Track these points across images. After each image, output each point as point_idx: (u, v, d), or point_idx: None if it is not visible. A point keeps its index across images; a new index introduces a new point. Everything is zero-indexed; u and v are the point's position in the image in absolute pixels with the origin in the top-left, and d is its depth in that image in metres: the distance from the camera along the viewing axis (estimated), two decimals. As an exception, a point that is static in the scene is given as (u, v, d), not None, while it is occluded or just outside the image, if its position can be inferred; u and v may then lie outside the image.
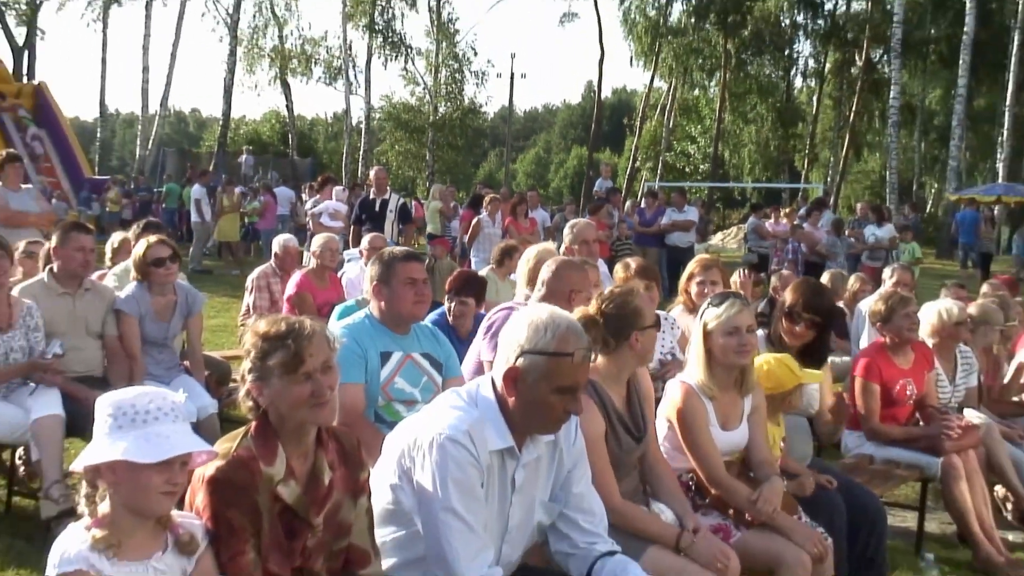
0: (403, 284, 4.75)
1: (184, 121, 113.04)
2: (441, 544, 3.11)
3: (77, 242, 6.32)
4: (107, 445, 2.66)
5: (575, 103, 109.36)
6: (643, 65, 50.34)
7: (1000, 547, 6.15)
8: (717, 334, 4.50)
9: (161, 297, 6.69)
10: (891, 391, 6.31)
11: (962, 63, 34.19)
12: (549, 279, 5.37)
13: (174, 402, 2.75)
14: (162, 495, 2.68)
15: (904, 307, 6.37)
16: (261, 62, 48.64)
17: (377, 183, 14.89)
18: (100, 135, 50.84)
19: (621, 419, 4.19)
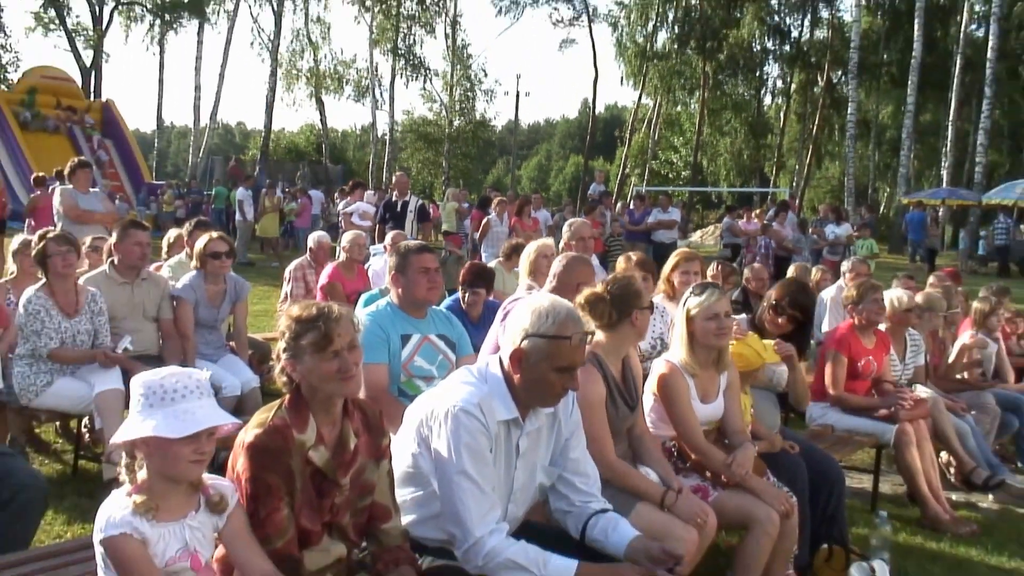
0: (417, 272, 4.79)
1: (231, 132, 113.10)
2: (455, 503, 3.11)
3: (135, 237, 6.40)
4: (139, 422, 2.65)
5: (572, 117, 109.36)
6: (632, 84, 50.43)
7: (946, 506, 6.13)
8: (699, 319, 4.50)
9: (214, 285, 6.77)
10: (856, 365, 6.31)
11: (911, 83, 34.22)
12: (560, 272, 5.36)
13: (199, 380, 2.73)
14: (191, 463, 2.67)
15: (874, 293, 6.37)
16: (298, 81, 48.73)
17: (399, 187, 14.93)
18: (157, 145, 50.95)
19: (619, 388, 4.20)
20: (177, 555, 2.68)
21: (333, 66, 49.58)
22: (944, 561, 5.48)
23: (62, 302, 5.86)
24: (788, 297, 5.49)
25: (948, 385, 7.23)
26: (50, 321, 5.76)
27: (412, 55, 49.16)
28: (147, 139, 65.00)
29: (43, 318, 5.74)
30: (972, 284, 11.84)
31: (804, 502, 4.68)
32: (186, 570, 2.70)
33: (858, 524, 5.78)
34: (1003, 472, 6.73)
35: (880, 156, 49.67)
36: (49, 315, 5.77)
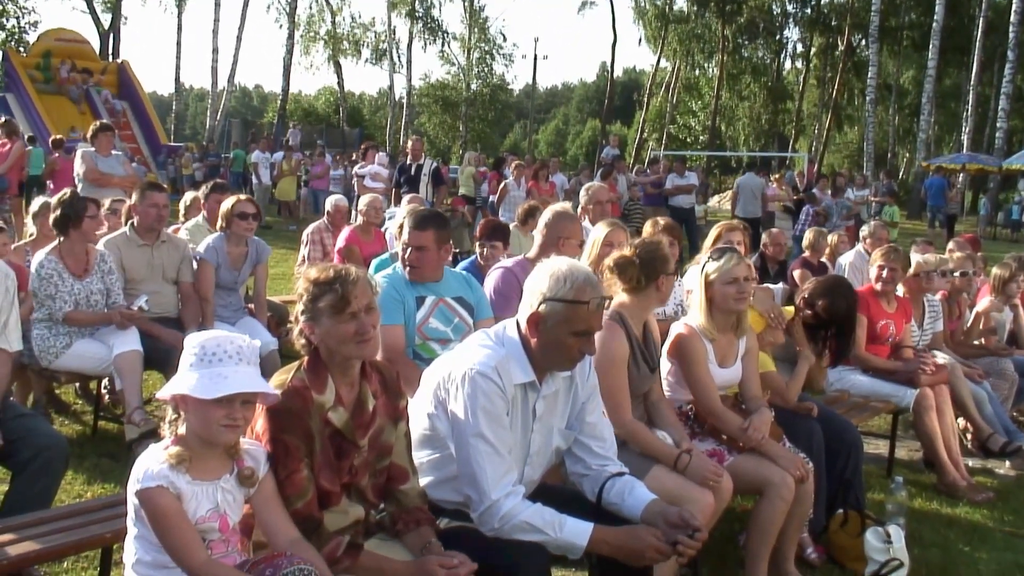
0: (406, 246, 4.81)
1: (248, 95, 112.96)
2: (471, 465, 3.12)
3: (152, 199, 6.42)
4: (183, 378, 2.69)
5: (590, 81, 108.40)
6: (651, 48, 50.06)
7: (963, 472, 6.12)
8: (718, 283, 4.48)
9: (236, 248, 6.79)
10: (875, 327, 6.28)
11: (932, 47, 33.81)
12: (544, 229, 5.52)
13: (241, 346, 2.74)
14: (223, 427, 2.68)
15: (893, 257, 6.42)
16: (316, 44, 48.56)
17: (413, 151, 14.96)
18: (175, 107, 50.84)
19: (641, 349, 4.22)
20: (207, 515, 2.71)
21: (351, 29, 49.40)
22: (960, 527, 5.47)
23: (72, 264, 5.87)
24: (825, 300, 5.28)
25: (966, 351, 7.19)
26: (63, 284, 5.78)
27: (430, 18, 48.95)
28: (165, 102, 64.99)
29: (56, 281, 5.76)
30: (993, 251, 11.75)
31: (820, 467, 4.67)
32: (213, 530, 2.72)
33: (874, 489, 5.78)
34: (1020, 438, 6.69)
35: (900, 121, 49.27)
36: (61, 278, 5.78)
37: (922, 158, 33.61)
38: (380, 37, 49.55)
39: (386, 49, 49.10)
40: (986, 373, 6.88)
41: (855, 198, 19.17)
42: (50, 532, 3.43)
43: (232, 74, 43.39)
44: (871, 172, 32.99)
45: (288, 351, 7.00)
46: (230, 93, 45.43)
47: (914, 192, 33.96)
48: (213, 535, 2.72)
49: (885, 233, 9.49)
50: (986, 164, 29.51)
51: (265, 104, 79.58)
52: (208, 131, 42.37)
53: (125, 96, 30.47)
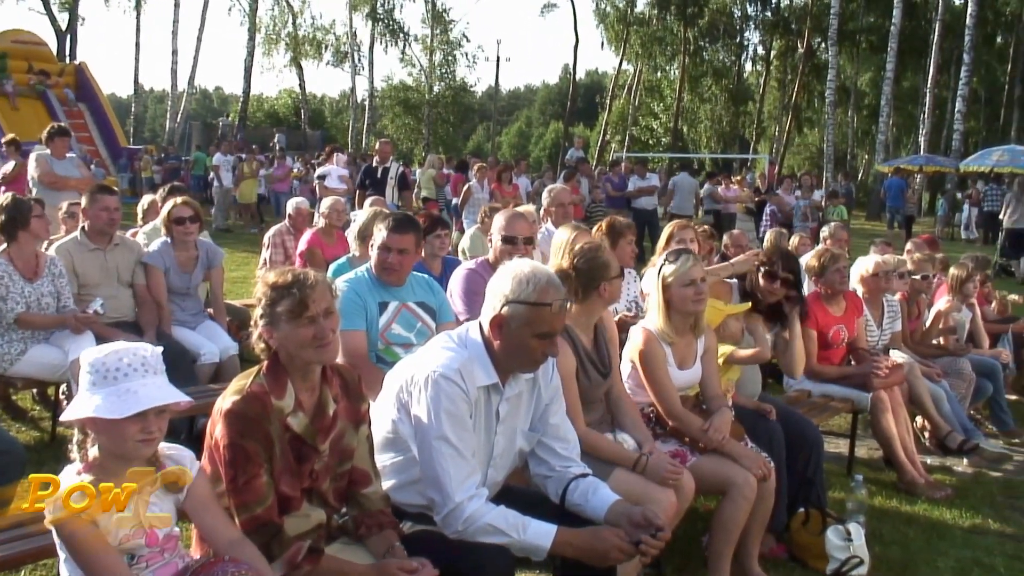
0: (381, 250, 4.75)
1: (209, 97, 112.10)
2: (435, 468, 3.11)
3: (102, 203, 6.38)
4: (84, 401, 2.60)
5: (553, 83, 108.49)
6: (613, 50, 50.24)
7: (921, 470, 6.19)
8: (675, 285, 4.48)
9: (184, 252, 6.69)
10: (826, 335, 6.31)
11: (890, 50, 34.21)
12: (496, 231, 5.54)
13: (144, 356, 2.66)
14: (139, 443, 2.61)
15: (835, 263, 6.37)
16: (277, 46, 48.30)
17: (381, 153, 14.89)
18: (134, 109, 50.37)
19: (590, 357, 4.19)
20: (131, 532, 2.63)
21: (312, 31, 49.17)
22: (919, 524, 5.53)
23: (22, 267, 5.82)
24: (779, 262, 5.43)
25: (925, 350, 7.27)
26: (13, 286, 5.72)
27: (391, 20, 48.81)
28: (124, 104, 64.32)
29: (6, 283, 5.70)
30: (950, 251, 11.89)
31: (781, 466, 4.71)
32: (141, 547, 2.66)
33: (834, 488, 5.83)
34: (977, 436, 6.80)
35: (859, 123, 49.77)
36: (12, 280, 5.72)
37: (881, 160, 33.96)
38: (341, 39, 49.38)
39: (348, 51, 48.95)
40: (944, 372, 6.96)
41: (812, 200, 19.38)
42: (7, 540, 3.37)
43: (192, 76, 43.20)
44: (831, 174, 33.32)
45: (249, 355, 6.97)
46: (190, 95, 45.15)
47: (873, 193, 34.33)
48: (142, 551, 2.66)
49: (845, 234, 9.58)
50: (943, 166, 29.86)
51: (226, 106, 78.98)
52: (168, 133, 42.06)
53: (84, 98, 30.08)
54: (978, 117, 46.29)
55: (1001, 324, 8.50)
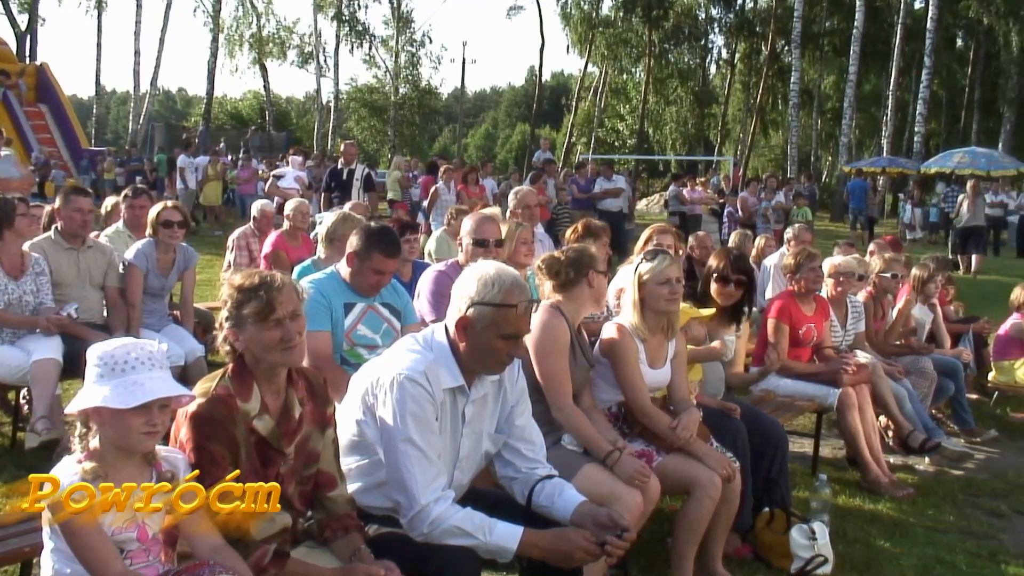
0: (370, 270, 4.70)
1: (172, 99, 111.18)
2: (400, 470, 3.10)
3: (76, 204, 6.33)
4: (92, 392, 2.63)
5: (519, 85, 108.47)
6: (578, 52, 50.34)
7: (884, 469, 6.26)
8: (651, 284, 4.51)
9: (165, 254, 6.66)
10: (797, 332, 6.38)
11: (853, 53, 34.55)
12: (465, 233, 5.55)
13: (151, 351, 2.70)
14: (142, 435, 2.64)
15: (811, 262, 6.45)
16: (241, 47, 47.96)
17: (346, 155, 14.82)
18: (96, 111, 49.85)
19: (579, 343, 4.27)
20: (124, 525, 2.65)
21: (276, 32, 48.87)
22: (882, 522, 5.59)
23: (8, 265, 5.81)
24: (729, 264, 5.50)
25: (888, 350, 7.36)
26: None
27: (356, 21, 48.65)
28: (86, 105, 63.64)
29: None
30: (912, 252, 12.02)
31: (746, 466, 4.74)
32: (131, 540, 2.67)
33: (799, 487, 5.87)
34: (939, 435, 6.87)
35: (823, 125, 50.16)
36: None
37: (844, 162, 34.28)
38: (306, 40, 49.16)
39: (312, 52, 48.73)
40: (907, 371, 7.04)
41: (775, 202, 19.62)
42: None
43: (155, 77, 42.90)
44: (795, 175, 33.58)
45: (215, 358, 6.93)
46: (153, 96, 44.78)
47: (836, 195, 34.63)
48: (131, 545, 2.67)
49: (809, 235, 9.66)
50: (905, 168, 30.20)
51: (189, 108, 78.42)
52: (130, 135, 41.70)
53: (45, 99, 29.79)
54: (939, 120, 46.76)
55: (962, 324, 8.62)
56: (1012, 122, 40.10)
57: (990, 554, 5.21)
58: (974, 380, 8.48)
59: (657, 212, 34.06)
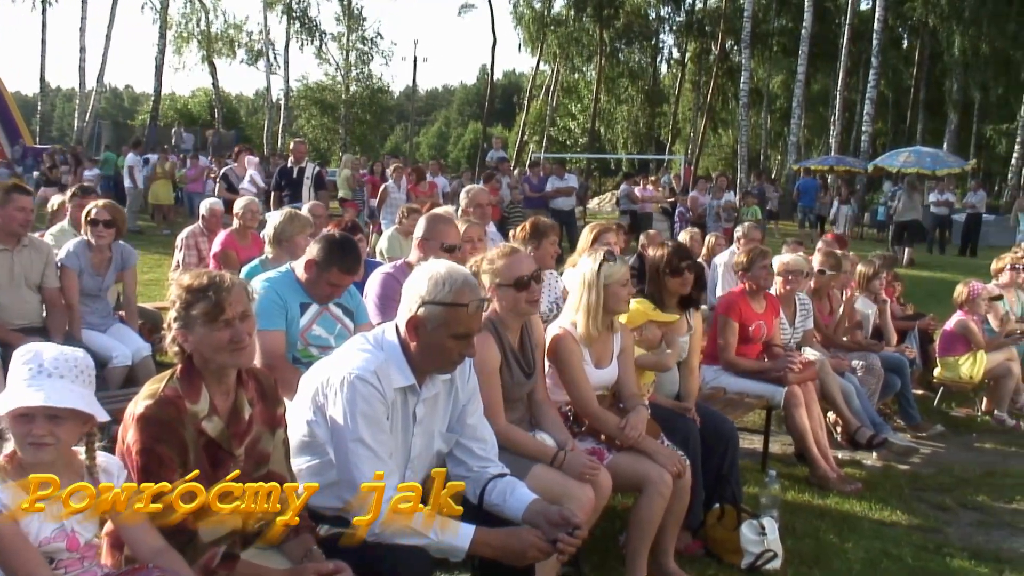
0: (325, 282, 4.65)
1: (119, 96, 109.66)
2: (351, 470, 3.10)
3: (17, 203, 6.13)
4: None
5: (471, 84, 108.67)
6: (530, 51, 50.38)
7: (833, 464, 6.34)
8: (615, 286, 4.54)
9: (98, 253, 6.54)
10: (747, 330, 6.44)
11: (801, 53, 34.87)
12: (422, 233, 5.49)
13: (43, 360, 2.63)
14: (29, 445, 2.57)
15: (763, 259, 6.51)
16: (189, 44, 47.37)
17: (296, 154, 14.72)
18: (40, 108, 48.95)
19: (515, 355, 4.21)
20: (52, 535, 2.60)
21: (225, 29, 48.35)
22: (831, 517, 5.67)
23: None
24: (675, 256, 5.49)
25: (839, 344, 7.47)
26: None
27: (306, 18, 48.31)
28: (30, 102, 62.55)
29: None
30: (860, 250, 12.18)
31: (697, 463, 4.79)
32: (61, 551, 2.62)
33: (749, 484, 5.93)
34: (886, 431, 6.98)
35: (772, 124, 50.66)
36: None
37: (793, 161, 34.63)
38: (255, 37, 48.68)
39: (262, 49, 48.28)
40: (859, 368, 7.15)
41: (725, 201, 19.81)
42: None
43: (101, 74, 42.11)
44: (745, 175, 33.88)
45: (164, 359, 6.85)
46: (99, 93, 44.06)
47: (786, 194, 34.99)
48: (62, 555, 2.63)
49: (758, 234, 9.75)
50: (853, 166, 30.57)
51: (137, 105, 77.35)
52: (76, 133, 41.00)
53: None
54: (886, 119, 47.44)
55: (908, 321, 8.75)
56: (956, 122, 40.79)
57: (936, 547, 5.31)
58: (920, 376, 8.62)
59: (609, 211, 34.19)
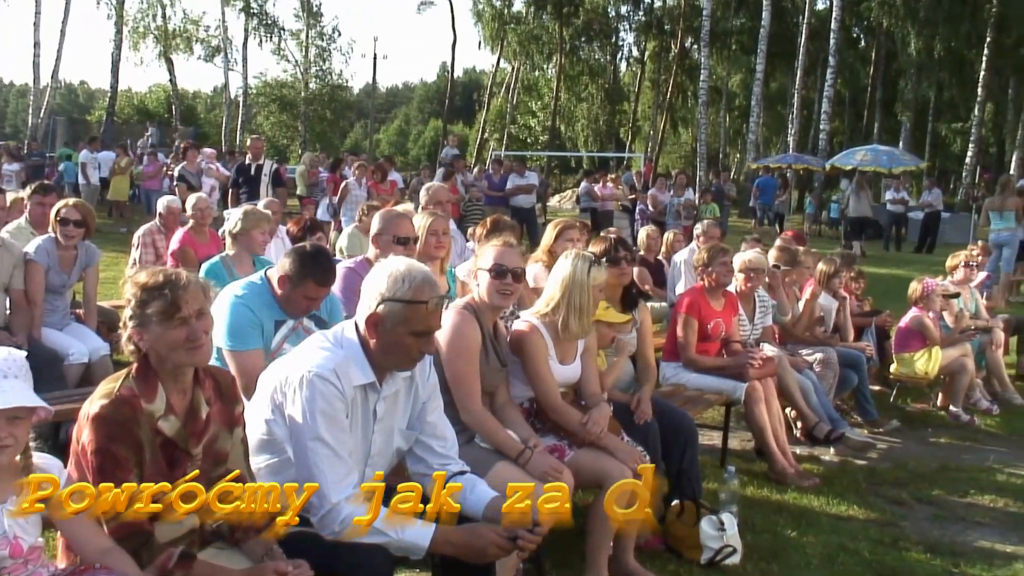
0: (301, 296, 4.45)
1: (74, 92, 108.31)
2: (311, 469, 3.08)
3: None
4: None
5: (431, 81, 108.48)
6: (490, 49, 50.37)
7: (791, 460, 6.39)
8: (596, 289, 4.56)
9: (66, 251, 6.53)
10: (706, 327, 6.47)
11: (760, 52, 35.11)
12: (377, 230, 5.49)
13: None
14: None
15: (722, 256, 6.55)
16: (145, 40, 46.83)
17: (253, 151, 14.61)
18: (-6, 104, 48.30)
19: (493, 343, 4.26)
20: None
21: (182, 24, 47.86)
22: (789, 512, 5.71)
23: None
24: (612, 247, 5.46)
25: (798, 339, 7.54)
26: None
27: (265, 14, 47.95)
28: (-17, 98, 61.67)
29: None
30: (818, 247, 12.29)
31: (657, 459, 4.81)
32: (5, 558, 2.59)
33: (708, 479, 5.96)
34: (843, 426, 7.04)
35: (731, 122, 51.03)
36: None
37: (751, 158, 34.89)
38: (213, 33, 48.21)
39: (220, 45, 47.84)
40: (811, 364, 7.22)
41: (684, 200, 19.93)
42: None
43: (56, 69, 41.48)
44: (704, 173, 34.09)
45: (120, 357, 6.78)
46: (54, 89, 43.43)
47: (744, 192, 35.23)
48: (6, 563, 2.60)
49: (717, 231, 9.82)
50: (810, 164, 30.86)
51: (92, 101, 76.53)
52: (31, 129, 40.40)
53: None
54: (843, 118, 47.94)
55: (865, 318, 8.84)
56: (911, 121, 41.31)
57: (892, 541, 5.37)
58: (876, 372, 8.71)
59: (569, 208, 34.24)
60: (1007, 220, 15.64)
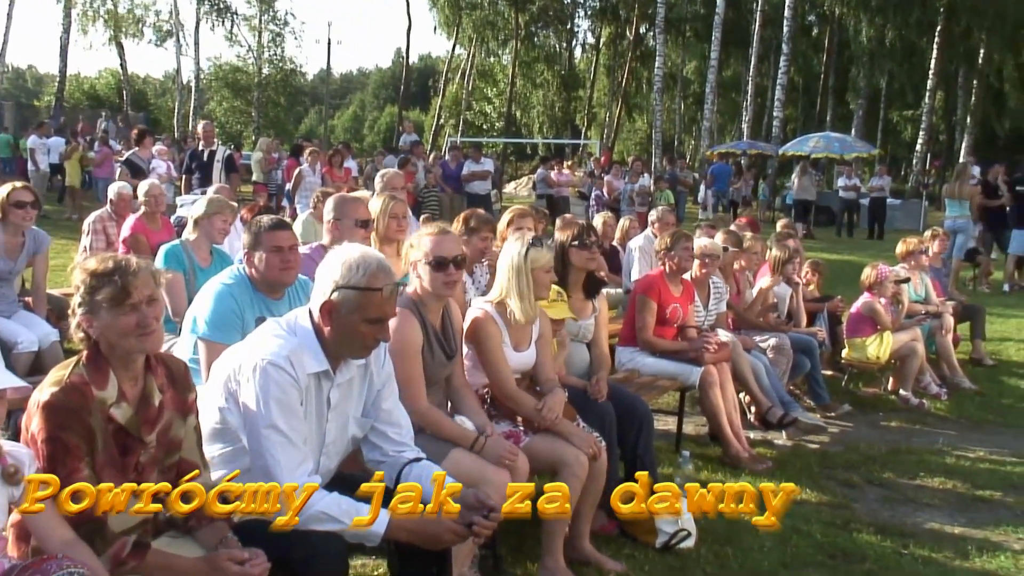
0: (270, 252, 4.46)
1: (22, 76, 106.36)
2: (265, 457, 3.07)
3: None
4: None
5: (386, 67, 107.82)
6: (446, 34, 50.23)
7: (745, 444, 6.46)
8: (541, 271, 4.57)
9: (12, 237, 6.39)
10: (664, 311, 6.51)
11: (714, 39, 35.30)
12: (329, 214, 5.52)
13: None
14: None
15: (685, 242, 6.59)
16: (95, 23, 46.09)
17: (205, 136, 14.41)
18: (-63, 88, 47.34)
19: (437, 336, 4.22)
20: None
21: (132, 8, 47.15)
22: (742, 496, 5.76)
23: None
24: (581, 232, 5.48)
25: (751, 324, 7.61)
26: None
27: (217, -1, 47.41)
28: (-73, 83, 60.38)
29: None
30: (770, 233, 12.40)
31: (612, 444, 4.84)
32: None
33: (663, 464, 6.01)
34: (796, 410, 7.12)
35: (685, 109, 51.24)
36: None
37: (706, 146, 35.12)
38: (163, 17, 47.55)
39: (171, 29, 47.22)
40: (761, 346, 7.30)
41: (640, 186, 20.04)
42: None
43: (2, 53, 40.78)
44: (659, 159, 34.24)
45: (71, 345, 6.69)
46: (2, 74, 42.68)
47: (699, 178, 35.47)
48: None
49: (672, 218, 9.87)
50: (764, 151, 31.15)
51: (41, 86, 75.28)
52: (-24, 114, 39.68)
53: None
54: (796, 105, 48.33)
55: (817, 303, 8.94)
56: (863, 109, 41.76)
57: (843, 523, 5.44)
58: (829, 357, 8.80)
59: (525, 195, 34.29)
60: (962, 207, 15.89)
